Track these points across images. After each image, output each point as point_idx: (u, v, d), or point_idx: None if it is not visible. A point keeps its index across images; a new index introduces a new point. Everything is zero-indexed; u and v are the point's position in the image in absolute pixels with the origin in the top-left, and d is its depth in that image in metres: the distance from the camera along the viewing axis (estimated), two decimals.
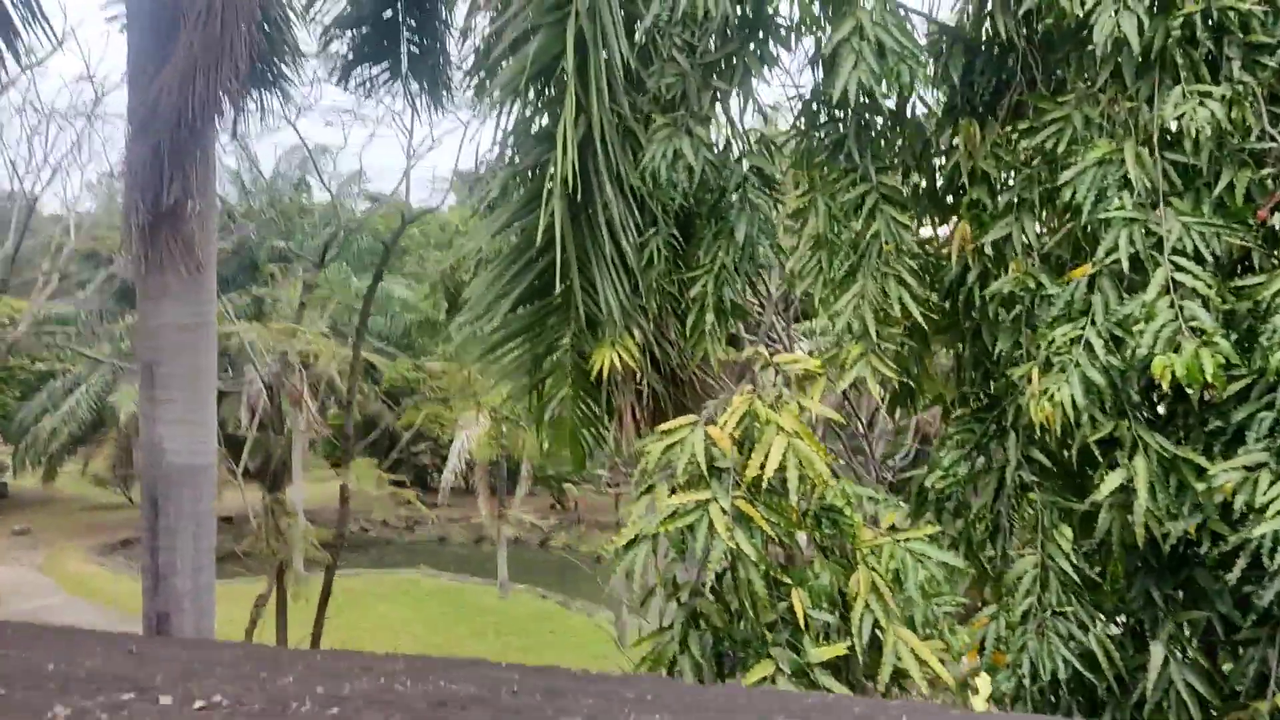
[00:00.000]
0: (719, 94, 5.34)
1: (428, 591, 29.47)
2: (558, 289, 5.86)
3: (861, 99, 4.64)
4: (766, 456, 3.44)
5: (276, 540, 11.42)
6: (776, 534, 3.47)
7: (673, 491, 3.53)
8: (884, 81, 4.56)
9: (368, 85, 8.86)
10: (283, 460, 17.47)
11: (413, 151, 14.77)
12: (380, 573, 30.82)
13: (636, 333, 5.57)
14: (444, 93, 8.82)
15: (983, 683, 4.78)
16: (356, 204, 42.13)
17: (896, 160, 5.25)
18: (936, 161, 5.40)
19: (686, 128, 5.05)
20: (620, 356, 5.59)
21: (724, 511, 3.38)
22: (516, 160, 6.02)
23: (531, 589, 30.84)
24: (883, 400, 5.14)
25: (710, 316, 5.24)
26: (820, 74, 5.30)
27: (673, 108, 5.44)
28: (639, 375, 5.77)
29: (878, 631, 3.56)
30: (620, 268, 5.59)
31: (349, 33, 8.97)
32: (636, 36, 5.52)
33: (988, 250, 5.14)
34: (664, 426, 3.67)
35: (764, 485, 3.49)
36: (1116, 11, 4.53)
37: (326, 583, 12.89)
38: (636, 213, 5.49)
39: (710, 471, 3.50)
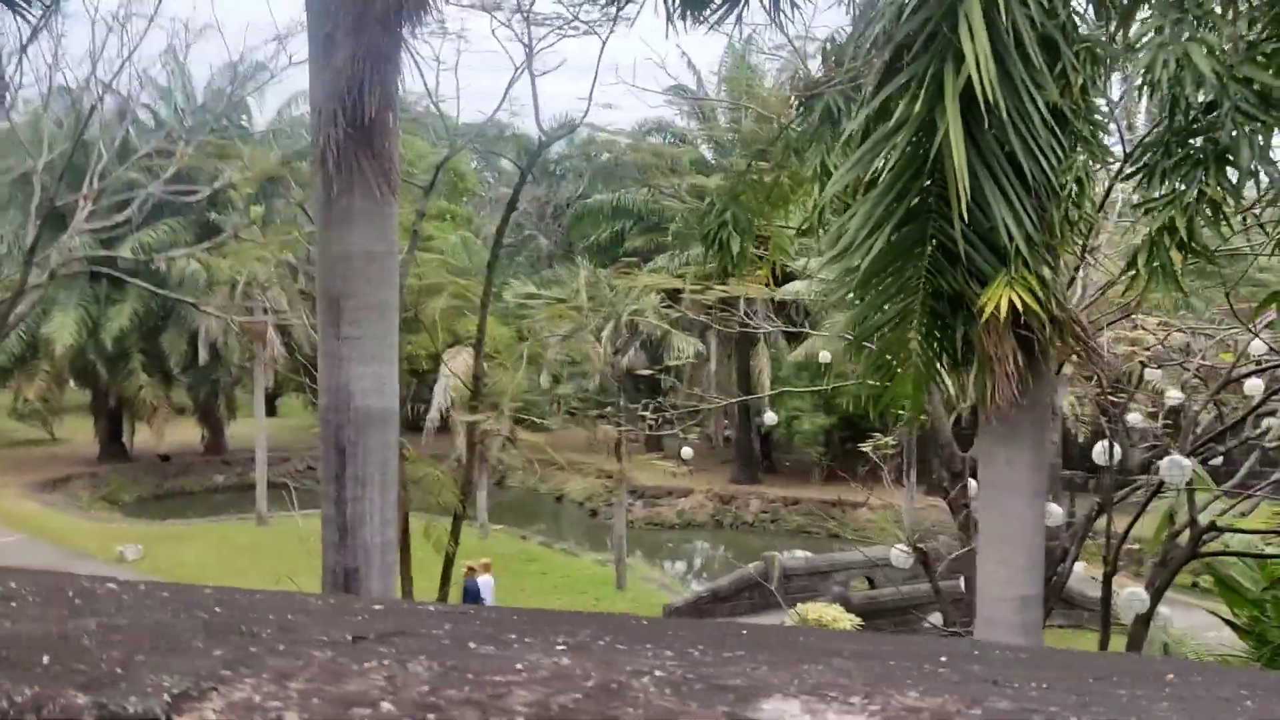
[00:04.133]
0: None
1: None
2: (926, 221, 5.27)
3: None
4: None
5: (404, 489, 10.48)
6: None
7: None
8: None
9: None
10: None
11: (531, 72, 12.94)
12: None
13: (1045, 271, 5.02)
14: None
15: None
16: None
17: None
18: None
19: (1190, 33, 4.43)
20: (1020, 296, 5.04)
21: None
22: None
23: (509, 530, 30.23)
24: None
25: (1173, 254, 4.72)
26: None
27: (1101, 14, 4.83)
28: (1022, 318, 5.22)
29: None
30: (1025, 196, 5.01)
31: None
32: None
33: None
34: None
35: None
36: None
37: (455, 531, 12.12)
38: (1059, 134, 4.90)
39: None
